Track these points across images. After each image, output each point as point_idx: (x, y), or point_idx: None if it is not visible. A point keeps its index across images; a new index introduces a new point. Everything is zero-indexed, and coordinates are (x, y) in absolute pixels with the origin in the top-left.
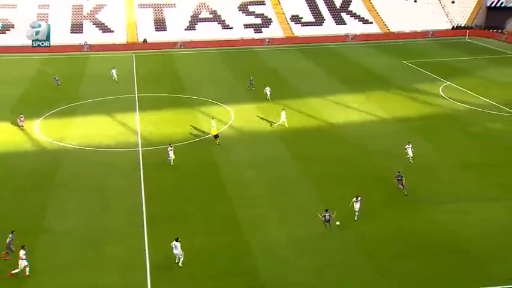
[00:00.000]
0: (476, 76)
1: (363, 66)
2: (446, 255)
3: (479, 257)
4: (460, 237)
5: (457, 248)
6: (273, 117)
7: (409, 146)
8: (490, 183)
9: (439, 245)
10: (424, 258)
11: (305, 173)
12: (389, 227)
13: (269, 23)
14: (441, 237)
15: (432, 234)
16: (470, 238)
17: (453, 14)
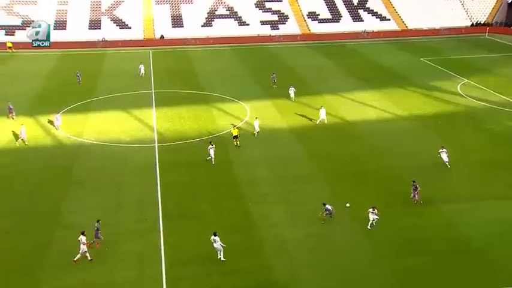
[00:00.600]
0: (495, 74)
1: (380, 63)
2: (459, 255)
3: (492, 257)
4: (472, 236)
5: (470, 247)
6: (289, 115)
7: (443, 150)
8: (505, 182)
9: (451, 245)
10: (435, 257)
11: (319, 171)
12: (401, 226)
13: (286, 20)
14: (453, 237)
15: (444, 233)
16: (483, 237)
17: (473, 10)
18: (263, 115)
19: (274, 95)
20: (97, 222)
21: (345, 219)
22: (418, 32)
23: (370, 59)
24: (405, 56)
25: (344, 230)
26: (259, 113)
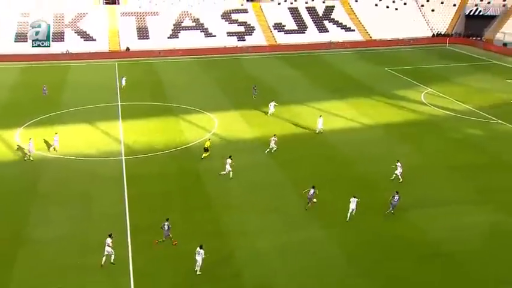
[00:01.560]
0: (456, 83)
1: (346, 73)
2: (428, 259)
3: (460, 260)
4: (442, 240)
5: (439, 251)
6: (257, 125)
7: (398, 164)
8: (470, 187)
9: (421, 249)
10: (406, 262)
11: (289, 179)
12: (373, 231)
13: (252, 31)
14: (423, 241)
15: (415, 238)
16: (452, 241)
17: (433, 22)
18: (231, 126)
19: (242, 105)
20: (166, 221)
21: (319, 225)
22: (382, 42)
23: (336, 69)
24: (370, 66)
25: (318, 236)
26: (227, 124)
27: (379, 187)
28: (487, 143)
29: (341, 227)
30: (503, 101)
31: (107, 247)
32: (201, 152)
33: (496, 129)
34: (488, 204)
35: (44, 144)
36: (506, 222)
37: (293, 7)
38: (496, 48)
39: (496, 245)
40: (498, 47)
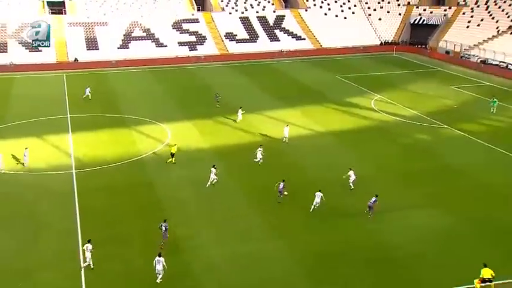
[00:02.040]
0: (404, 89)
1: (298, 81)
2: (380, 263)
3: (412, 264)
4: (393, 245)
5: (391, 256)
6: (211, 134)
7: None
8: (419, 192)
9: (373, 253)
10: (359, 267)
11: (243, 189)
12: (326, 239)
13: (204, 41)
14: (375, 246)
15: (367, 243)
16: (403, 245)
17: (381, 30)
18: (184, 136)
19: (195, 115)
20: (164, 222)
21: (274, 235)
22: (333, 50)
23: (288, 77)
24: (321, 73)
25: (273, 246)
26: (180, 134)
27: (330, 193)
28: (435, 147)
29: (295, 236)
30: (448, 106)
31: (87, 253)
32: (154, 163)
33: (443, 134)
34: (438, 208)
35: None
36: (456, 225)
37: (244, 16)
38: (439, 56)
39: (446, 248)
40: (441, 55)
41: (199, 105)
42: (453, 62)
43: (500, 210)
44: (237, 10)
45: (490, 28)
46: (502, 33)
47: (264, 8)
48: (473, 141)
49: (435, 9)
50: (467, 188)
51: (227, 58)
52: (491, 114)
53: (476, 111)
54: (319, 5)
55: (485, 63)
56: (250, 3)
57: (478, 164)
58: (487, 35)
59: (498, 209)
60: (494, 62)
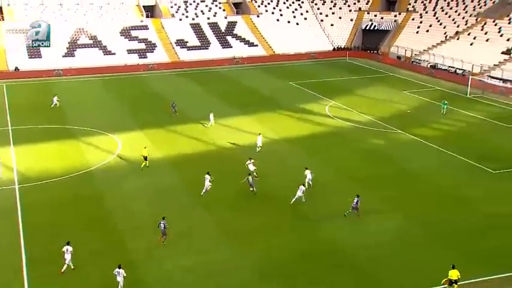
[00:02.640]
0: (358, 95)
1: (252, 88)
2: (340, 268)
3: (371, 268)
4: (353, 250)
5: (350, 261)
6: (164, 144)
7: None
8: (377, 197)
9: (332, 259)
10: (319, 274)
11: (199, 199)
12: (284, 245)
13: (153, 48)
14: (334, 252)
15: (325, 249)
16: (363, 250)
17: (333, 36)
18: (135, 147)
19: (147, 125)
20: (163, 219)
21: (229, 245)
22: (286, 57)
23: (241, 84)
24: (275, 80)
25: (229, 256)
26: (131, 145)
27: (287, 200)
28: (390, 152)
29: (252, 244)
30: (401, 111)
31: (66, 255)
32: (104, 176)
33: (397, 138)
34: (396, 213)
35: None
36: (414, 230)
37: (195, 23)
38: (391, 61)
39: (405, 252)
40: (393, 60)
41: (151, 114)
42: (404, 67)
43: (453, 212)
44: (187, 16)
45: (438, 34)
46: (449, 38)
47: (215, 14)
48: (426, 145)
49: (386, 15)
50: (422, 192)
51: (178, 66)
52: (442, 115)
53: (428, 115)
54: (271, 10)
55: (435, 68)
56: (201, 9)
57: (431, 168)
58: (436, 40)
59: (451, 211)
60: (444, 67)
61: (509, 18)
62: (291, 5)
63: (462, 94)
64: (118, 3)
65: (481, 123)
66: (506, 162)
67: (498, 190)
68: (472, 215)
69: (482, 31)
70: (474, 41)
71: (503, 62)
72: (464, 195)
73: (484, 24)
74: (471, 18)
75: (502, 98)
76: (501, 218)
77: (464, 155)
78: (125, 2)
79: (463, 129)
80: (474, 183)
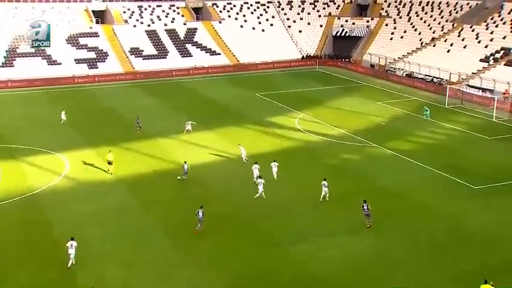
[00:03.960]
0: (329, 106)
1: (214, 100)
2: None
3: None
4: (325, 274)
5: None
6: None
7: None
8: (351, 216)
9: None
10: None
11: (157, 223)
12: (249, 269)
13: (105, 57)
14: (306, 276)
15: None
16: (336, 274)
17: (302, 43)
18: (85, 167)
19: (98, 142)
20: (201, 208)
21: (190, 268)
22: (251, 66)
23: (202, 96)
24: (240, 91)
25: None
26: (80, 165)
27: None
28: (365, 168)
29: (216, 267)
30: (376, 124)
31: (70, 249)
32: (50, 199)
33: (372, 153)
34: (372, 231)
35: None
36: (392, 248)
37: (151, 30)
38: (364, 70)
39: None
40: (366, 69)
41: (103, 130)
42: (379, 76)
43: (435, 230)
44: (142, 23)
45: (413, 40)
46: (425, 45)
47: (173, 20)
48: (403, 160)
49: (357, 21)
50: (400, 210)
51: (133, 76)
52: (426, 122)
53: (404, 128)
54: (234, 16)
55: (410, 76)
56: (157, 14)
57: (409, 184)
58: (411, 47)
59: (432, 229)
60: (420, 76)
61: (486, 24)
62: (256, 10)
63: (440, 104)
64: (63, 8)
65: (460, 135)
66: (488, 177)
67: (481, 207)
68: (455, 233)
69: (459, 37)
70: (451, 48)
71: (482, 70)
72: (445, 212)
73: (461, 30)
74: (447, 23)
75: (481, 108)
76: (486, 234)
77: (444, 169)
78: (71, 6)
79: (442, 142)
80: (455, 200)
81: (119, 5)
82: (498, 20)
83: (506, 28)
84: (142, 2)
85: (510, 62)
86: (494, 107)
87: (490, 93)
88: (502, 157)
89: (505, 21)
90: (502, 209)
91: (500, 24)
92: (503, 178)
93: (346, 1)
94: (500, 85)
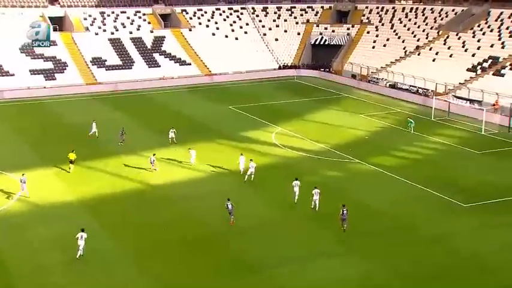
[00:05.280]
0: (308, 119)
1: (185, 114)
2: None
3: None
4: None
5: None
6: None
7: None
8: (331, 237)
9: None
10: None
11: (123, 247)
12: None
13: (64, 68)
14: None
15: None
16: None
17: (278, 52)
18: (42, 187)
19: (56, 160)
20: (228, 200)
21: None
22: (224, 76)
23: (172, 109)
24: (212, 104)
25: None
26: (36, 186)
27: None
28: (347, 185)
29: None
30: (359, 138)
31: (80, 241)
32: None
33: (355, 169)
34: (353, 255)
35: None
36: (375, 271)
37: (114, 38)
38: (345, 80)
39: None
40: (347, 79)
41: (61, 147)
42: (360, 87)
43: (423, 254)
44: (105, 30)
45: (396, 49)
46: (409, 54)
47: (139, 28)
48: (388, 176)
49: (337, 28)
50: (385, 229)
51: (95, 88)
52: (412, 135)
53: (388, 142)
54: (206, 23)
55: (394, 87)
56: (122, 21)
57: (394, 202)
58: (394, 56)
59: (420, 252)
60: (404, 86)
61: (473, 31)
62: (229, 16)
63: (426, 117)
64: (16, 13)
65: (448, 149)
66: (478, 194)
67: (471, 227)
68: (446, 256)
69: (445, 45)
70: (436, 57)
71: (470, 80)
72: (433, 233)
73: (446, 37)
74: (432, 31)
75: (469, 120)
76: (478, 259)
77: (431, 186)
78: (24, 12)
79: (429, 157)
80: (444, 219)
81: (79, 11)
82: (485, 27)
83: (494, 36)
84: (104, 8)
85: (498, 71)
86: (483, 120)
87: (478, 104)
88: (492, 173)
89: (492, 28)
90: (494, 230)
91: (488, 32)
92: (493, 195)
93: (325, 7)
94: (488, 96)
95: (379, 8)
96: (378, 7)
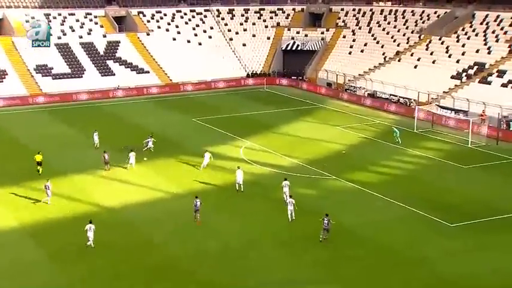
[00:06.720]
0: (280, 132)
1: (141, 127)
2: None
3: None
4: None
5: None
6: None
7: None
8: (308, 263)
9: None
10: None
11: (71, 275)
12: None
13: (3, 77)
14: None
15: None
16: None
17: (246, 58)
18: None
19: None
20: (196, 198)
21: None
22: (186, 85)
23: (127, 122)
24: (173, 116)
25: None
26: None
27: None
28: (322, 204)
29: None
30: (335, 152)
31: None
32: None
33: (330, 186)
34: (332, 283)
35: None
36: None
37: (62, 43)
38: (320, 89)
39: None
40: (322, 88)
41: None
42: (336, 97)
43: (406, 279)
44: (51, 34)
45: (375, 54)
46: (389, 60)
47: (90, 32)
48: (367, 194)
49: (310, 32)
50: (365, 253)
51: (40, 100)
52: (393, 149)
53: (368, 156)
54: (165, 27)
55: (373, 96)
56: (70, 24)
57: (374, 222)
58: (373, 62)
59: (404, 277)
60: (384, 96)
61: (457, 35)
62: (191, 19)
63: (408, 129)
64: None
65: (432, 164)
66: (465, 213)
67: (459, 249)
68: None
69: (427, 51)
70: (418, 63)
71: (454, 89)
72: (418, 257)
73: (428, 42)
74: (413, 35)
75: (454, 132)
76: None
77: (415, 205)
78: None
79: (412, 173)
80: (429, 241)
81: (20, 13)
82: (470, 31)
83: (479, 40)
84: (50, 10)
85: (485, 78)
86: (469, 131)
87: (464, 114)
88: (480, 189)
89: (477, 32)
90: (483, 252)
91: (473, 36)
92: (482, 214)
93: (297, 10)
94: (475, 105)
95: (355, 10)
96: (355, 9)
